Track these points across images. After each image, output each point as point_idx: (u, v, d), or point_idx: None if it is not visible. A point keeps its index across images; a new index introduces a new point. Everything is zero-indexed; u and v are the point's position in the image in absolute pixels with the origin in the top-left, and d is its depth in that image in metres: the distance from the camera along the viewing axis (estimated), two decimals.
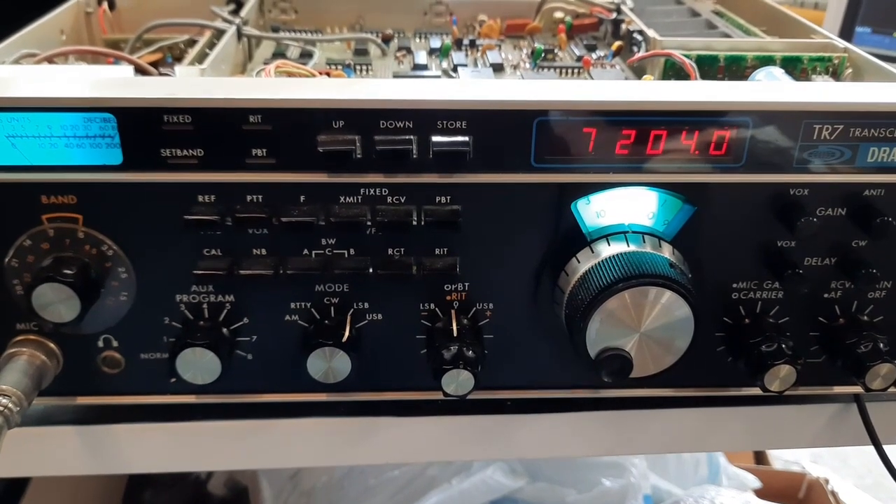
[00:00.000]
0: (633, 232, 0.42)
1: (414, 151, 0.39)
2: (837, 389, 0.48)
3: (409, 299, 0.43)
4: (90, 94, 0.38)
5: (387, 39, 0.62)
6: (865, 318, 0.45)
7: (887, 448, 0.48)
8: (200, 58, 0.50)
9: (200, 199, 0.40)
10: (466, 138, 0.39)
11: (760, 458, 1.21)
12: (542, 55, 0.59)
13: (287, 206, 0.40)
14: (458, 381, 0.42)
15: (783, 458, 1.27)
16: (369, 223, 0.41)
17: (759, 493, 1.04)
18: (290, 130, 0.38)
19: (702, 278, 0.43)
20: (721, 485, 1.04)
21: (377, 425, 0.48)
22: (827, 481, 1.10)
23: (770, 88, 0.44)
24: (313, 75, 0.46)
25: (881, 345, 0.44)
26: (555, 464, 0.96)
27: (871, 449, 0.48)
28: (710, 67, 0.52)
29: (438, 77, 0.56)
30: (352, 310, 0.43)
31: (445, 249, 0.42)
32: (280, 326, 0.43)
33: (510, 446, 0.50)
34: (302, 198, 0.40)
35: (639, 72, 0.56)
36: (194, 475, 1.10)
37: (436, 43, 0.61)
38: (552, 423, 0.49)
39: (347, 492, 0.98)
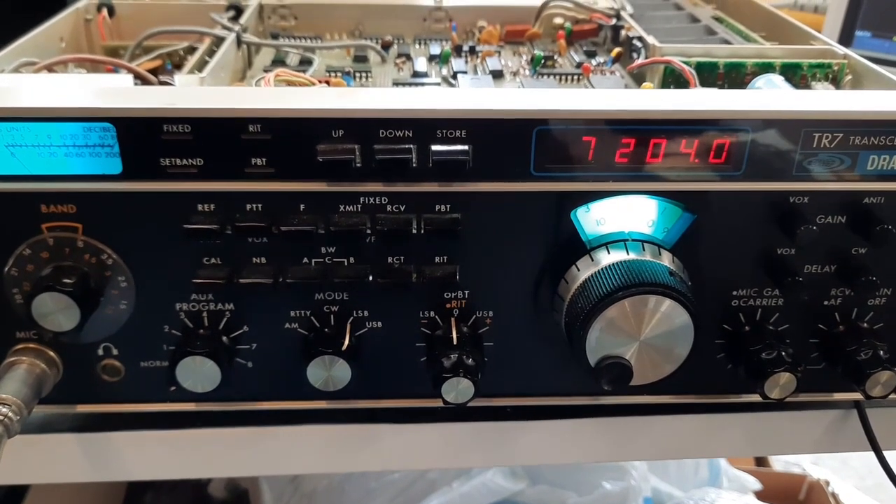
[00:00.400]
0: (633, 240, 0.42)
1: (413, 160, 0.39)
2: (837, 396, 0.49)
3: (409, 307, 0.43)
4: (90, 104, 0.38)
5: (386, 46, 0.62)
6: (865, 325, 0.45)
7: (888, 454, 0.48)
8: (200, 65, 0.50)
9: (200, 208, 0.40)
10: (466, 147, 0.39)
11: (761, 459, 1.21)
12: (542, 62, 0.59)
13: (287, 215, 0.40)
14: (457, 389, 0.42)
15: (784, 460, 1.27)
16: (369, 232, 0.41)
17: (760, 496, 1.04)
18: (290, 140, 0.38)
19: (702, 286, 0.43)
20: (721, 487, 1.04)
21: (377, 433, 0.48)
22: (827, 483, 1.10)
23: (770, 96, 0.44)
24: (313, 84, 0.46)
25: (881, 352, 0.44)
26: (555, 467, 0.96)
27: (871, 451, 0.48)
28: (710, 74, 0.52)
29: (438, 84, 0.56)
30: (351, 318, 0.43)
31: (445, 257, 0.42)
32: (280, 335, 0.43)
33: (510, 453, 0.50)
34: (301, 207, 0.40)
35: (638, 78, 0.56)
36: (195, 478, 1.10)
37: (435, 49, 0.61)
38: (552, 429, 0.49)
39: (348, 495, 0.98)
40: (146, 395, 0.45)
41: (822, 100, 0.41)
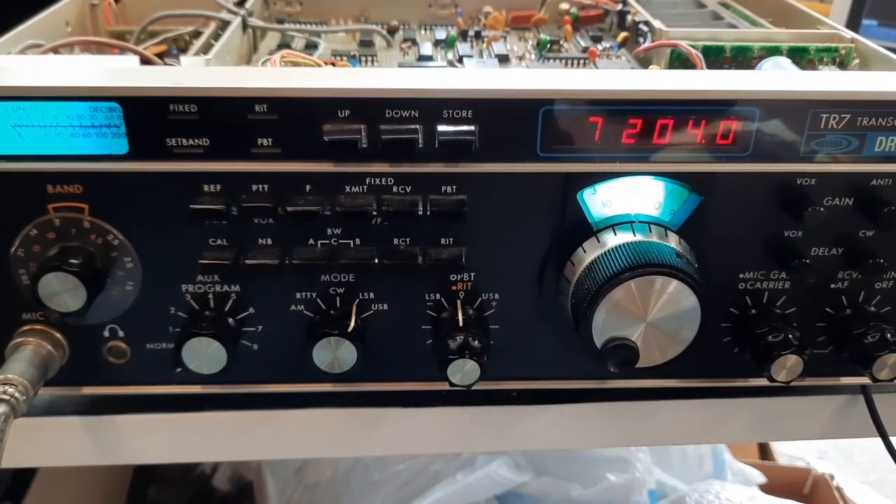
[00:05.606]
0: (640, 222, 0.42)
1: (420, 141, 0.39)
2: (844, 380, 0.48)
3: (415, 289, 0.43)
4: (96, 84, 0.38)
5: (392, 31, 0.62)
6: (873, 308, 0.45)
7: (894, 440, 0.48)
8: (206, 49, 0.50)
9: (206, 188, 0.40)
10: (472, 127, 0.39)
11: (765, 453, 1.21)
12: (548, 46, 0.58)
13: (293, 196, 0.40)
14: (463, 371, 0.42)
15: (788, 454, 1.27)
16: (375, 213, 0.41)
17: (764, 489, 1.04)
18: (296, 120, 0.38)
19: (708, 268, 0.43)
20: (726, 480, 1.03)
21: (383, 416, 0.48)
22: (832, 477, 1.09)
23: (777, 77, 0.43)
24: (319, 65, 0.46)
25: (888, 335, 0.44)
26: (559, 458, 0.95)
27: (876, 445, 0.48)
28: (717, 58, 0.52)
29: (444, 68, 0.55)
30: (357, 300, 0.43)
31: (451, 239, 0.42)
32: (286, 316, 0.43)
33: (515, 438, 0.49)
34: (307, 187, 0.40)
35: (644, 63, 0.55)
36: (199, 470, 1.10)
37: (441, 34, 0.61)
38: (557, 414, 0.49)
39: (352, 486, 0.98)
40: (152, 378, 0.45)
41: (829, 81, 0.41)
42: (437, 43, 0.60)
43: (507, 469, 0.94)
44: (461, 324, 0.43)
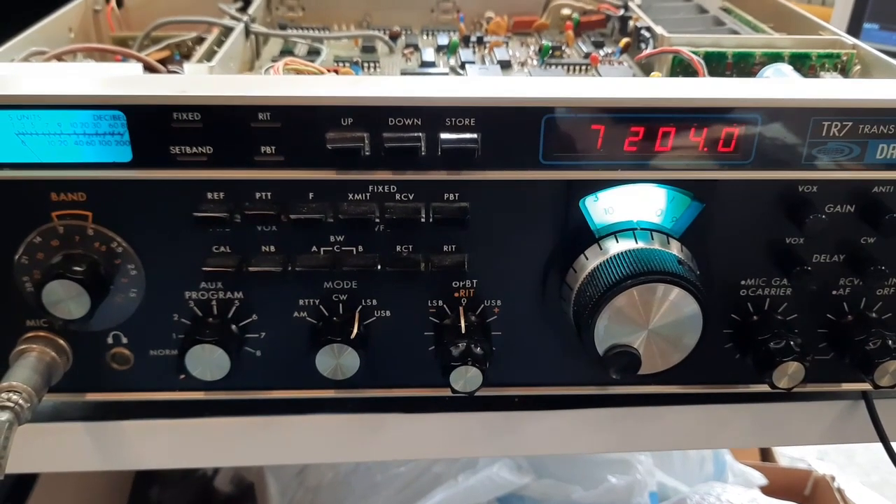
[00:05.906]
0: (642, 229, 0.42)
1: (422, 148, 0.39)
2: (846, 386, 0.48)
3: (418, 296, 0.44)
4: (100, 92, 0.38)
5: (394, 37, 0.62)
6: (874, 314, 0.45)
7: (895, 445, 0.48)
8: (209, 55, 0.51)
9: (209, 196, 0.40)
10: (475, 135, 0.39)
11: (766, 455, 1.21)
12: (550, 52, 0.59)
13: (296, 203, 0.40)
14: (466, 378, 0.42)
15: (789, 456, 1.27)
16: (378, 220, 0.41)
17: (765, 490, 1.04)
18: (299, 128, 0.39)
19: (710, 275, 0.43)
20: (727, 482, 1.04)
21: (385, 422, 0.48)
22: (833, 478, 1.09)
23: (779, 85, 0.44)
24: (322, 73, 0.46)
25: (890, 342, 0.44)
26: (561, 461, 0.96)
27: (877, 446, 0.48)
28: (718, 64, 0.52)
29: (446, 74, 0.56)
30: (360, 307, 0.43)
31: (453, 246, 0.42)
32: (289, 323, 0.43)
33: (517, 443, 0.50)
34: (310, 195, 0.40)
35: (646, 68, 0.56)
36: (201, 471, 1.10)
37: (443, 40, 0.62)
38: (559, 419, 0.49)
39: (354, 488, 0.99)
40: (155, 384, 0.45)
41: (831, 88, 0.41)
42: (439, 49, 0.60)
43: (509, 471, 0.94)
44: (463, 330, 0.43)
